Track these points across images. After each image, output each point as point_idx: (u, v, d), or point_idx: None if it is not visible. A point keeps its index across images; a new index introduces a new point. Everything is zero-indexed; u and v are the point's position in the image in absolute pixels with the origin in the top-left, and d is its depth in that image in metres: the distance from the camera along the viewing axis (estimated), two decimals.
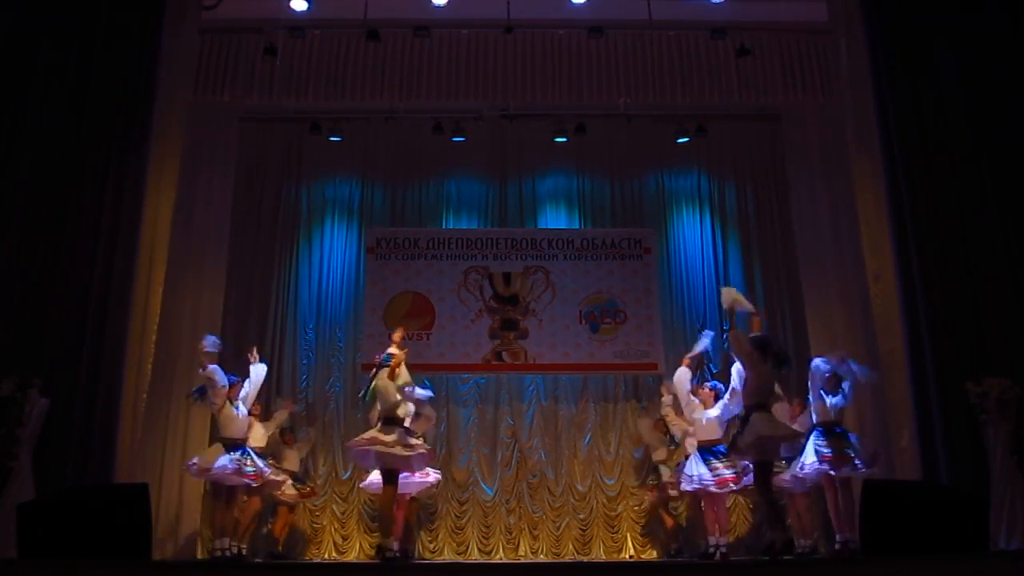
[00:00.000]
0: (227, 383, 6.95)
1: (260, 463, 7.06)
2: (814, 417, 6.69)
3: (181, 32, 7.05)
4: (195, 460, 7.00)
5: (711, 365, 9.01)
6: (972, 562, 4.72)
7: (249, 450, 7.03)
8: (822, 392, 6.61)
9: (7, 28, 6.64)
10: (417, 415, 7.09)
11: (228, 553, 6.94)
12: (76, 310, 6.13)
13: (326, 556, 8.29)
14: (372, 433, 6.34)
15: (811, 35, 8.10)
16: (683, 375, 7.25)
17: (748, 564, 5.89)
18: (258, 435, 7.47)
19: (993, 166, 6.36)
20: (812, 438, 6.54)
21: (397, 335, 6.70)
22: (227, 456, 6.85)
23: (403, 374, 6.43)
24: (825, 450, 6.39)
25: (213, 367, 6.85)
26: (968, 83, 6.53)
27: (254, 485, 7.11)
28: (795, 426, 6.75)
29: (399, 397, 6.40)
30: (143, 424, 6.68)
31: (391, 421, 6.34)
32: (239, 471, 6.85)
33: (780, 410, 6.68)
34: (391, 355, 6.43)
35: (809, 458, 6.47)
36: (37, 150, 6.42)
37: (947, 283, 6.16)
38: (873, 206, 6.77)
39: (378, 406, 6.56)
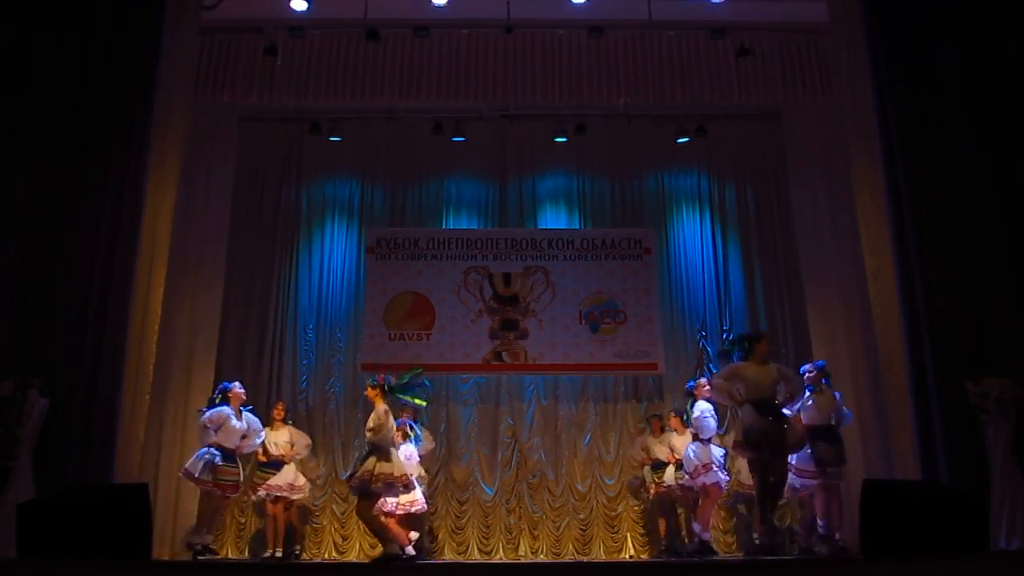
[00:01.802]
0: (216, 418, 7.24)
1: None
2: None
3: (181, 32, 7.03)
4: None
5: (711, 366, 9.02)
6: (972, 562, 4.71)
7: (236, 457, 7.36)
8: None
9: (7, 28, 6.62)
10: None
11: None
12: (76, 310, 6.12)
13: (326, 556, 8.29)
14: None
15: (811, 35, 8.10)
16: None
17: (748, 564, 5.88)
18: (282, 441, 7.77)
19: (993, 166, 6.34)
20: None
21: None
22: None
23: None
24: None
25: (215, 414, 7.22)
26: (968, 83, 6.51)
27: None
28: None
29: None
30: (144, 424, 6.68)
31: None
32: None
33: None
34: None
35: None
36: (37, 150, 6.41)
37: (947, 283, 6.14)
38: (872, 206, 6.76)
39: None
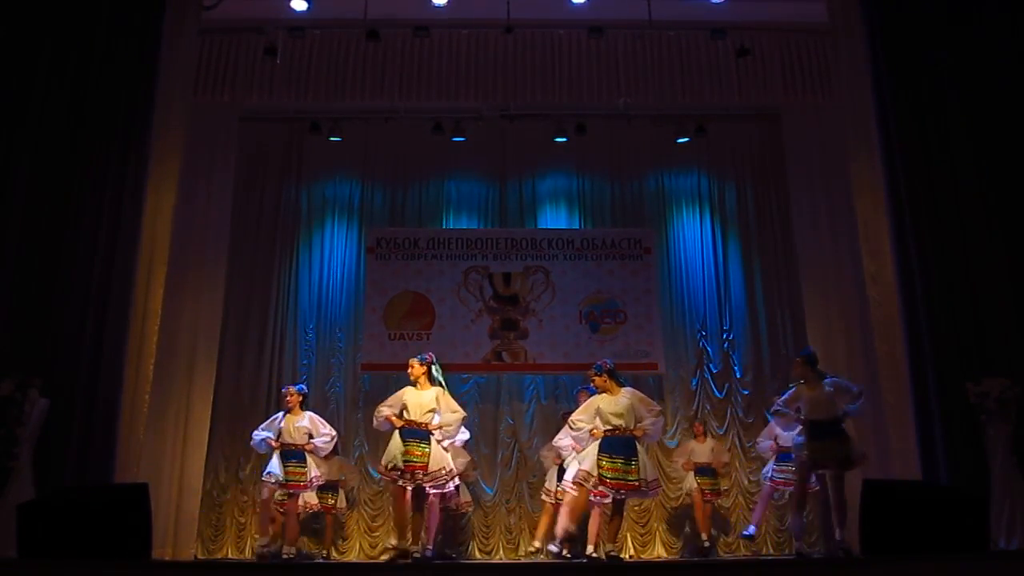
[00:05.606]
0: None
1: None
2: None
3: (181, 32, 7.03)
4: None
5: (711, 366, 9.03)
6: (972, 562, 4.72)
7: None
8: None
9: (7, 27, 6.63)
10: None
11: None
12: (76, 310, 6.11)
13: (325, 556, 8.28)
14: None
15: (811, 35, 8.10)
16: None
17: (749, 564, 5.89)
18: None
19: (993, 166, 6.33)
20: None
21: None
22: None
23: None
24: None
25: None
26: (968, 83, 6.50)
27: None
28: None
29: None
30: (144, 424, 6.68)
31: None
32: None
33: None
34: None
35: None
36: (37, 150, 6.40)
37: (946, 283, 6.13)
38: (872, 206, 6.76)
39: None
